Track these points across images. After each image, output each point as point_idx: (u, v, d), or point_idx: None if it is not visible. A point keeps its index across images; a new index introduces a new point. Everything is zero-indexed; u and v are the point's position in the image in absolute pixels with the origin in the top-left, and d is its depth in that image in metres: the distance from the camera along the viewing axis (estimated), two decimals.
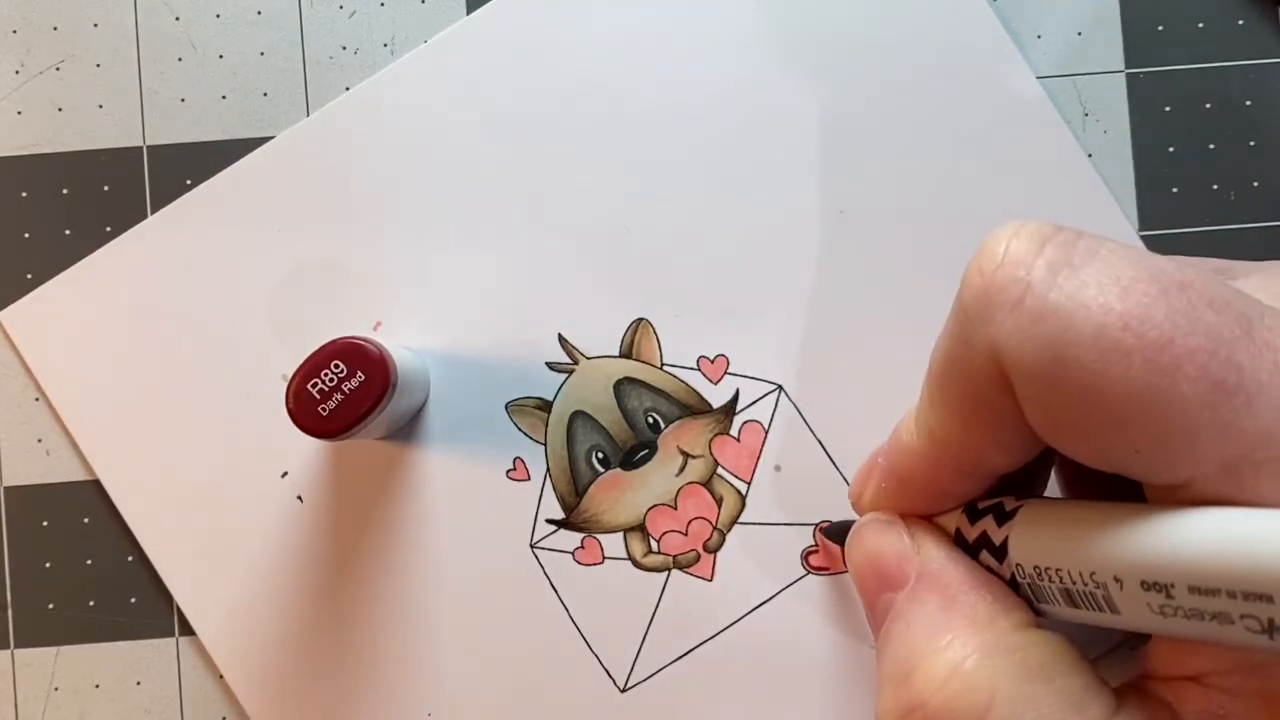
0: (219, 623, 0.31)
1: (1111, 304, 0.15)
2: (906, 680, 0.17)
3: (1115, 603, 0.16)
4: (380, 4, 0.33)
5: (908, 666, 0.17)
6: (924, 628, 0.18)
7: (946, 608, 0.18)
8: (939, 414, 0.18)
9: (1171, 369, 0.14)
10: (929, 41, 0.32)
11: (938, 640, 0.17)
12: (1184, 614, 0.14)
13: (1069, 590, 0.17)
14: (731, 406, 0.32)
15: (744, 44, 0.32)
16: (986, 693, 0.16)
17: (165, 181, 0.33)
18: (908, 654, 0.18)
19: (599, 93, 0.32)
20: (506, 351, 0.32)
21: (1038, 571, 0.17)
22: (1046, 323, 0.15)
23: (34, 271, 0.33)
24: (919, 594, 0.18)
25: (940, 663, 0.17)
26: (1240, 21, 0.32)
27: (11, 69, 0.33)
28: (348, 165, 0.32)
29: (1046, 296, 0.15)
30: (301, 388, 0.27)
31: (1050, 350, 0.15)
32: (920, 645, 0.17)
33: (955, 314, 0.17)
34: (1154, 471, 0.15)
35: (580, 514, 0.31)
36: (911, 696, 0.17)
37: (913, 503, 0.20)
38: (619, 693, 0.31)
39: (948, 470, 0.19)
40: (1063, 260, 0.16)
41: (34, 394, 0.32)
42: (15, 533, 0.32)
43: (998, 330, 0.16)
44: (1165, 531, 0.15)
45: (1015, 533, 0.18)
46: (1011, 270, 0.16)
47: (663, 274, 0.32)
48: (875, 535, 0.20)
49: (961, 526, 0.19)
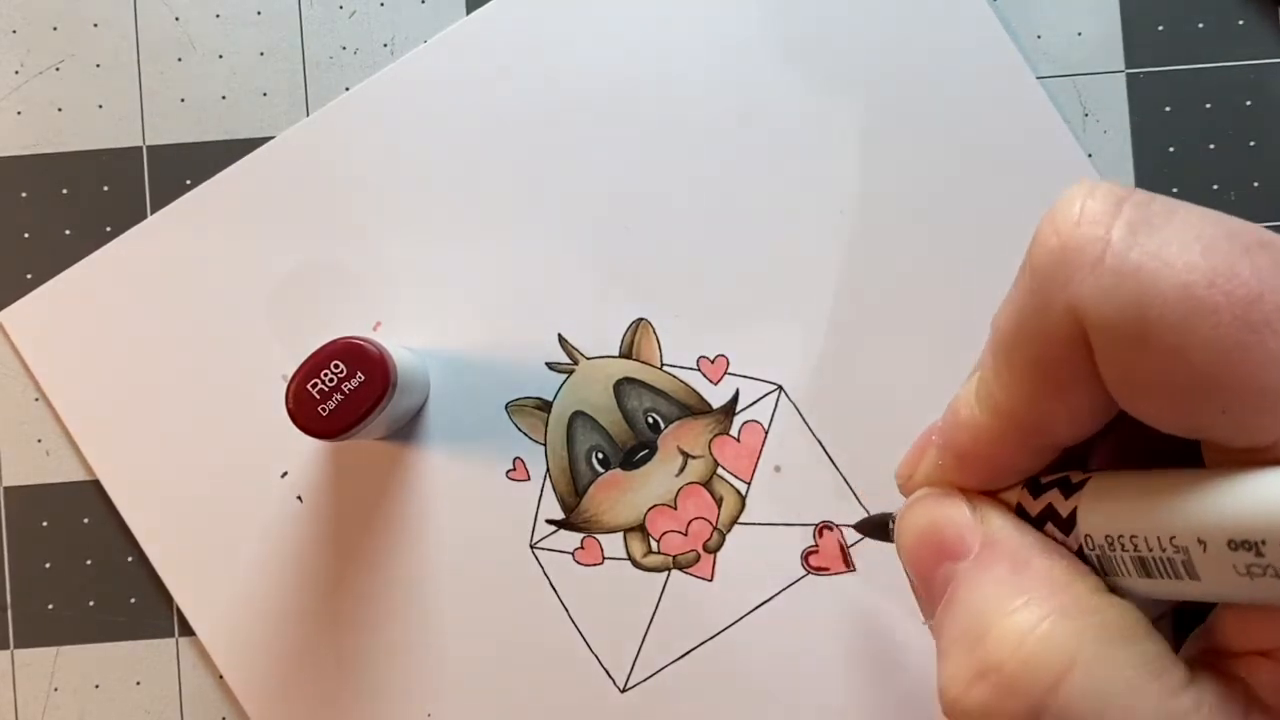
0: (219, 623, 0.31)
1: (1195, 262, 0.14)
2: (979, 642, 0.17)
3: (1196, 568, 0.15)
4: (380, 4, 0.33)
5: (978, 630, 0.17)
6: (996, 592, 0.17)
7: (1018, 571, 0.17)
8: (1006, 383, 0.18)
9: (1261, 325, 0.14)
10: (929, 41, 0.32)
11: (1011, 603, 0.17)
12: (1274, 573, 0.14)
13: (1144, 559, 0.16)
14: (731, 407, 0.32)
15: (744, 44, 0.32)
16: (1067, 654, 0.16)
17: (165, 181, 0.33)
18: (978, 617, 0.17)
19: (599, 93, 0.32)
20: (506, 351, 0.32)
21: (1109, 541, 0.17)
22: (1130, 281, 0.15)
23: (34, 271, 0.33)
24: (986, 560, 0.18)
25: (1016, 623, 0.16)
26: (1240, 21, 0.32)
27: (11, 69, 0.33)
28: (348, 165, 0.32)
29: (1128, 255, 0.15)
30: (301, 388, 0.27)
31: (1134, 309, 0.15)
32: (992, 609, 0.17)
33: (1027, 276, 0.17)
34: (1241, 432, 0.15)
35: (580, 514, 0.31)
36: (985, 658, 0.16)
37: (973, 478, 0.20)
38: (619, 693, 0.31)
39: (1012, 444, 0.18)
40: (1141, 219, 0.15)
41: (34, 394, 0.32)
42: (15, 533, 0.32)
43: (1078, 290, 0.15)
44: (1253, 488, 0.14)
45: (1085, 503, 0.17)
46: (1090, 229, 0.16)
47: (663, 274, 0.32)
48: (934, 506, 0.20)
49: (1023, 501, 0.19)
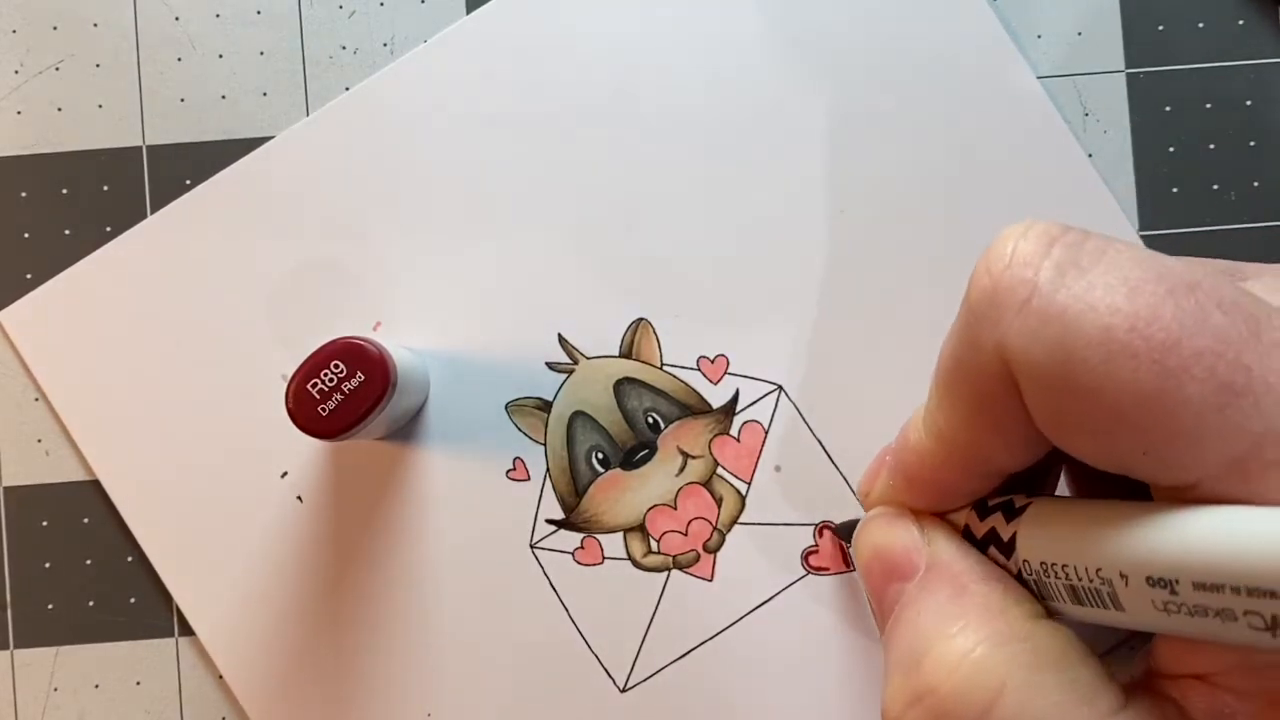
0: (218, 623, 0.31)
1: (1119, 305, 0.15)
2: (916, 666, 0.17)
3: (1120, 600, 0.16)
4: (380, 4, 0.33)
5: (917, 653, 0.17)
6: (934, 616, 0.18)
7: (957, 596, 0.18)
8: (946, 414, 0.18)
9: (1179, 371, 0.14)
10: (929, 41, 0.32)
11: (949, 627, 0.17)
12: (1188, 610, 0.14)
13: (1075, 587, 0.17)
14: (731, 406, 0.32)
15: (744, 44, 0.32)
16: (997, 679, 0.16)
17: (165, 181, 0.33)
18: (917, 641, 0.17)
19: (599, 92, 0.32)
20: (506, 351, 0.32)
21: (1044, 568, 0.17)
22: (1053, 324, 0.15)
23: (34, 271, 0.33)
24: (929, 583, 0.18)
25: (951, 649, 0.17)
26: (1240, 21, 0.32)
27: (11, 69, 0.33)
28: (348, 165, 0.32)
29: (1054, 297, 0.15)
30: (301, 388, 0.27)
31: (1057, 352, 0.15)
32: (930, 632, 0.17)
33: (962, 314, 0.17)
34: (1161, 473, 0.15)
35: (580, 514, 0.31)
36: (921, 682, 0.17)
37: (921, 499, 0.20)
38: (619, 693, 0.31)
39: (955, 469, 0.19)
40: (1070, 261, 0.16)
41: (34, 394, 0.32)
42: (15, 533, 0.32)
43: (1005, 331, 0.16)
44: (1171, 528, 0.15)
45: (1023, 529, 0.18)
46: (1019, 270, 0.16)
47: (663, 274, 0.32)
48: (885, 526, 0.20)
49: (970, 523, 0.19)
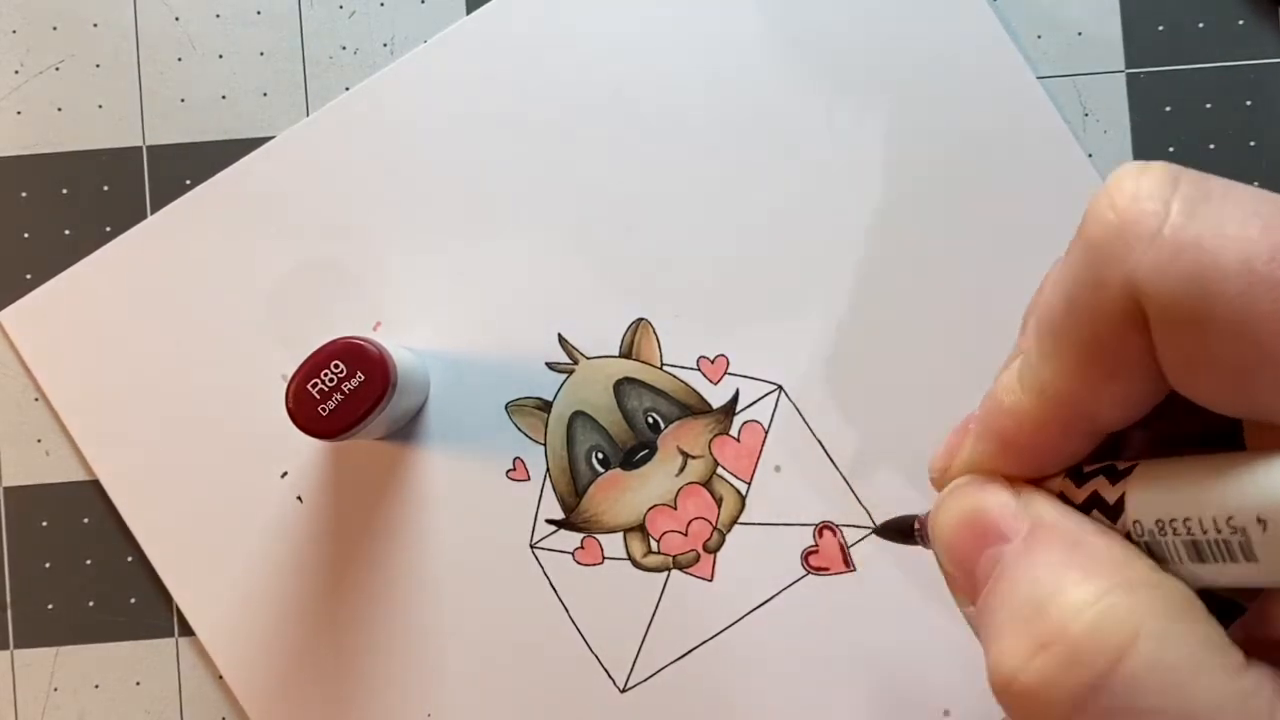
0: (218, 623, 0.31)
1: (1255, 236, 0.14)
2: (1039, 614, 0.16)
3: (1255, 548, 0.15)
4: (380, 4, 0.33)
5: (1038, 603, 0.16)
6: (1052, 568, 0.17)
7: (1073, 550, 0.17)
8: (1054, 365, 0.17)
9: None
10: (929, 41, 0.32)
11: (1071, 576, 0.16)
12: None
13: (1198, 542, 0.16)
14: (731, 406, 0.32)
15: (744, 45, 0.32)
16: (1132, 625, 0.15)
17: (165, 181, 0.33)
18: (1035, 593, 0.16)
19: (599, 93, 0.32)
20: (506, 351, 0.32)
21: (1160, 526, 0.16)
22: (1188, 255, 0.15)
23: (34, 271, 0.33)
24: (1039, 541, 0.17)
25: (1081, 593, 0.16)
26: (1240, 21, 0.32)
27: (11, 69, 0.33)
28: (348, 165, 0.32)
29: (1187, 228, 0.15)
30: (301, 388, 0.27)
31: (1193, 284, 0.15)
32: (1050, 583, 0.16)
33: (1080, 252, 0.17)
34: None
35: (580, 514, 0.31)
36: (1046, 628, 0.16)
37: (1016, 465, 0.19)
38: (619, 693, 0.31)
39: (1057, 428, 0.18)
40: (1199, 195, 0.15)
41: (34, 394, 0.32)
42: (15, 533, 0.32)
43: (1136, 264, 0.15)
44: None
45: (1134, 487, 0.17)
46: (1148, 204, 0.15)
47: (663, 274, 0.32)
48: (975, 492, 0.19)
49: (1066, 490, 0.18)
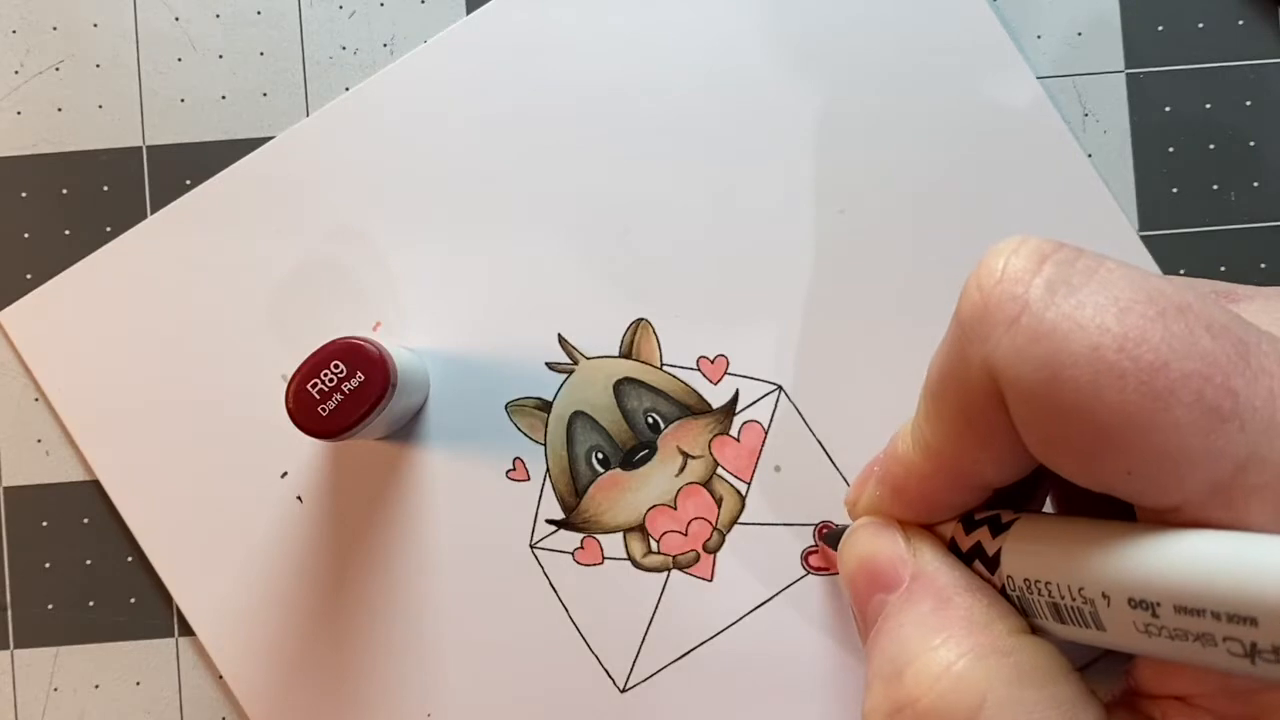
0: (219, 623, 0.31)
1: (1108, 325, 0.15)
2: (898, 678, 0.17)
3: (1102, 620, 0.16)
4: (380, 4, 0.33)
5: (899, 665, 0.17)
6: (917, 628, 0.18)
7: (941, 609, 0.18)
8: (934, 426, 0.18)
9: (1165, 393, 0.14)
10: (929, 41, 0.32)
11: (931, 640, 0.17)
12: (1169, 634, 0.14)
13: (1058, 605, 0.17)
14: (731, 407, 0.32)
15: (744, 44, 0.32)
16: (978, 694, 0.16)
17: (165, 181, 0.33)
18: (899, 652, 0.17)
19: (598, 93, 0.32)
20: (506, 351, 0.32)
21: (1028, 584, 0.17)
22: (1042, 342, 0.15)
23: (34, 271, 0.33)
24: (913, 595, 0.18)
25: (933, 662, 0.17)
26: (1240, 21, 0.32)
27: (11, 69, 0.33)
28: (348, 165, 0.32)
29: (1043, 315, 0.15)
30: (301, 388, 0.27)
31: (1045, 370, 0.15)
32: (913, 644, 0.17)
33: (952, 329, 0.17)
34: (1145, 494, 0.15)
35: (580, 514, 0.31)
36: (902, 694, 0.17)
37: (907, 511, 0.20)
38: (619, 693, 0.31)
39: (942, 482, 0.19)
40: (1060, 279, 0.16)
41: (34, 394, 0.32)
42: (15, 533, 0.32)
43: (994, 348, 0.16)
44: (1154, 551, 0.15)
45: (1009, 545, 0.18)
46: (1010, 287, 0.16)
47: (663, 274, 0.32)
48: (870, 537, 0.20)
49: (956, 535, 0.19)
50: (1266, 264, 0.32)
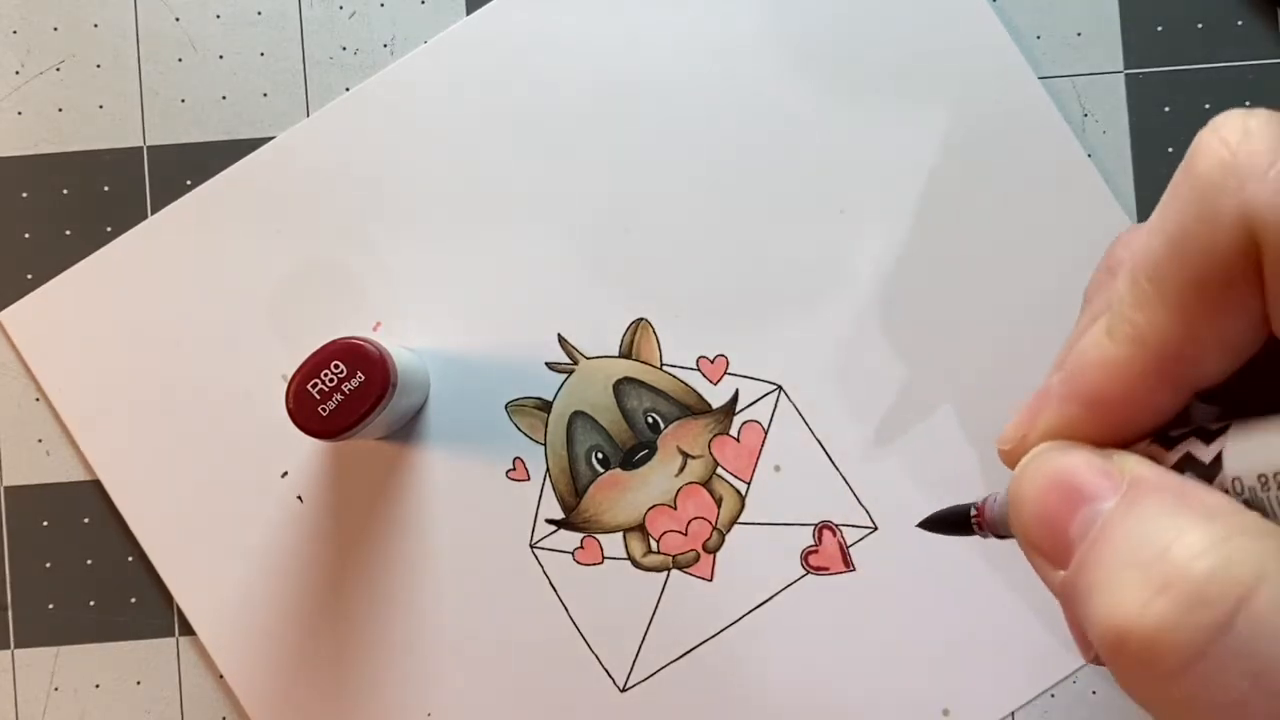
0: (219, 623, 0.31)
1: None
2: (1160, 557, 0.15)
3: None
4: (380, 4, 0.33)
5: (1156, 548, 0.15)
6: (1165, 515, 0.16)
7: (1183, 500, 0.16)
8: (1152, 310, 0.17)
9: None
10: (929, 41, 0.32)
11: (1186, 522, 0.15)
12: None
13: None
14: (731, 406, 0.32)
15: (744, 44, 0.32)
16: (1255, 568, 0.14)
17: (165, 181, 0.33)
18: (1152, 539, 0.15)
19: (599, 93, 0.32)
20: (506, 351, 0.32)
21: (1262, 481, 0.16)
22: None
23: (34, 271, 0.33)
24: (1141, 495, 0.16)
25: (1204, 534, 0.15)
26: (1240, 22, 0.32)
27: (11, 69, 0.33)
28: (348, 165, 0.32)
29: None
30: (301, 388, 0.27)
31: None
32: (1165, 528, 0.15)
33: (1183, 192, 0.16)
34: None
35: (580, 514, 0.31)
36: (1169, 568, 0.15)
37: (1102, 427, 0.18)
38: (619, 693, 0.31)
39: (1155, 379, 0.17)
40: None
41: (34, 394, 0.33)
42: (15, 533, 0.32)
43: (1252, 196, 0.15)
44: None
45: (1231, 443, 0.17)
46: (1259, 142, 0.16)
47: (663, 274, 0.32)
48: (1060, 455, 0.18)
49: (1154, 455, 0.18)
50: None
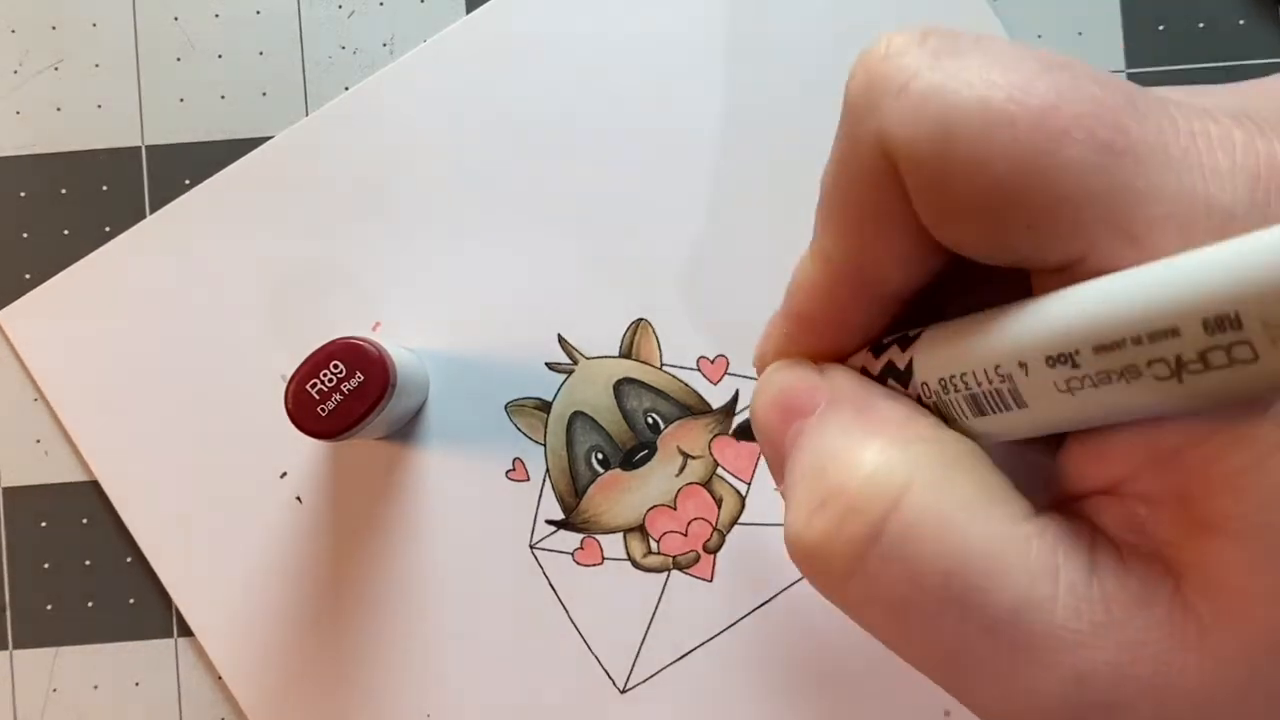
0: (218, 623, 0.31)
1: (994, 79, 0.15)
2: (821, 474, 0.17)
3: (1022, 394, 0.16)
4: (380, 4, 0.33)
5: (823, 463, 0.17)
6: (839, 431, 0.17)
7: (861, 413, 0.17)
8: (831, 232, 0.18)
9: (1058, 134, 0.14)
10: None
11: (853, 437, 0.17)
12: (1091, 382, 0.14)
13: (975, 396, 0.16)
14: (731, 407, 0.32)
15: (744, 45, 0.32)
16: (904, 475, 0.16)
17: (164, 181, 0.33)
18: (823, 454, 0.17)
19: (599, 93, 0.32)
20: (506, 351, 0.32)
21: (944, 384, 0.17)
22: (931, 102, 0.15)
23: (33, 271, 0.33)
24: (832, 408, 0.18)
25: (859, 452, 0.16)
26: (1240, 21, 0.32)
27: (10, 69, 0.33)
28: (348, 165, 0.32)
29: (930, 79, 0.15)
30: (301, 388, 0.27)
31: (936, 130, 0.15)
32: (836, 444, 0.17)
33: (842, 118, 0.18)
34: (1048, 248, 0.15)
35: (580, 514, 0.31)
36: (828, 485, 0.16)
37: (816, 340, 0.20)
38: (619, 693, 0.31)
39: (846, 295, 0.19)
40: (945, 48, 0.16)
41: (33, 394, 0.32)
42: (14, 533, 0.32)
43: (884, 117, 0.16)
44: (1064, 303, 0.15)
45: (919, 351, 0.18)
46: (895, 60, 0.16)
47: (663, 274, 0.32)
48: (782, 372, 0.20)
49: (866, 364, 0.19)
50: None
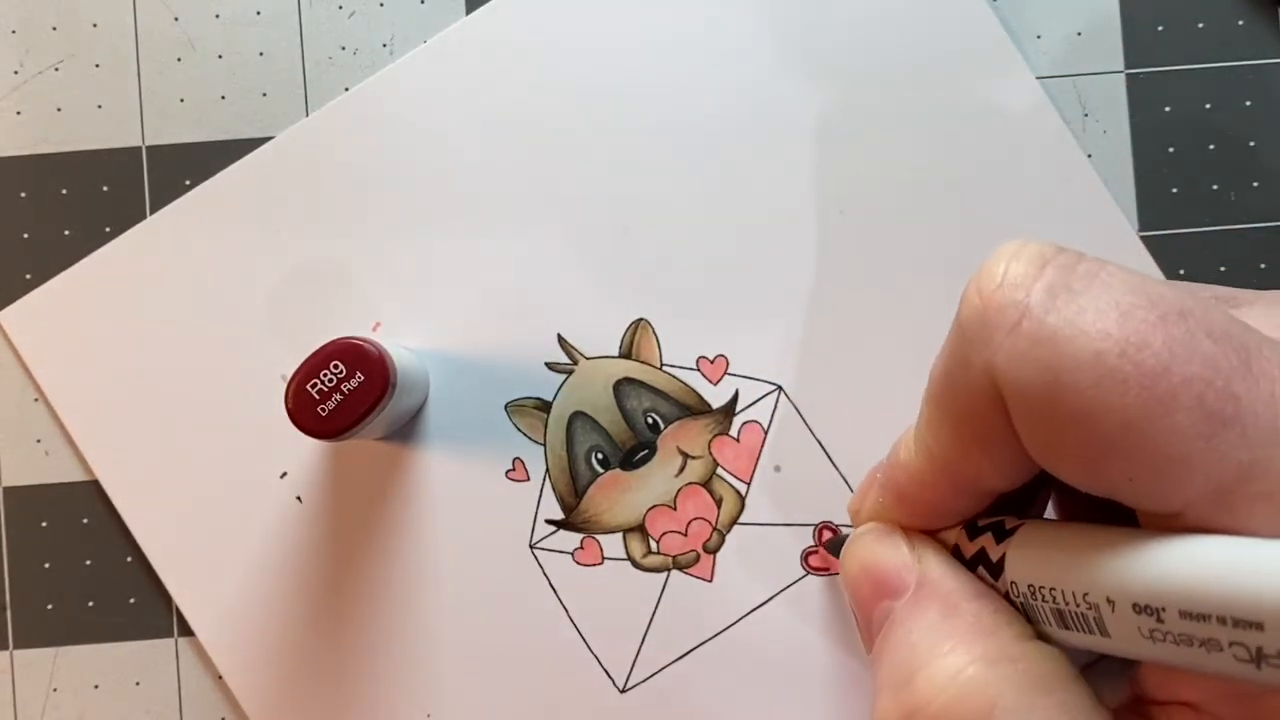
0: (218, 623, 0.31)
1: (1109, 330, 0.15)
2: (908, 685, 0.17)
3: (1106, 626, 0.16)
4: (380, 4, 0.33)
5: (909, 671, 0.17)
6: (925, 635, 0.18)
7: (948, 615, 0.18)
8: (936, 432, 0.18)
9: (1167, 398, 0.14)
10: (929, 42, 0.32)
11: (940, 647, 0.17)
12: (1174, 639, 0.14)
13: (1061, 611, 0.17)
14: (731, 407, 0.32)
15: (744, 44, 0.32)
16: (988, 700, 0.16)
17: (165, 181, 0.33)
18: (908, 659, 0.17)
19: (599, 93, 0.32)
20: (506, 351, 0.32)
21: (1032, 590, 0.17)
22: (1043, 347, 0.15)
23: (33, 271, 0.33)
24: (919, 602, 0.18)
25: (942, 668, 0.17)
26: (1240, 21, 0.32)
27: (11, 69, 0.33)
28: (348, 165, 0.32)
29: (1044, 320, 0.15)
30: (301, 388, 0.27)
31: (1046, 375, 0.15)
32: (921, 651, 0.17)
33: (954, 333, 0.17)
34: (1148, 499, 0.15)
35: (580, 514, 0.31)
36: (913, 701, 0.17)
37: (911, 517, 0.20)
38: (619, 693, 0.31)
39: (945, 488, 0.19)
40: (1062, 284, 0.16)
41: (33, 394, 0.32)
42: (14, 533, 0.32)
43: (995, 352, 0.16)
44: (1159, 556, 0.15)
45: (1013, 550, 0.18)
46: (1010, 292, 0.16)
47: (663, 274, 0.32)
48: (874, 543, 0.20)
49: (960, 542, 0.19)
50: (1266, 264, 0.32)
